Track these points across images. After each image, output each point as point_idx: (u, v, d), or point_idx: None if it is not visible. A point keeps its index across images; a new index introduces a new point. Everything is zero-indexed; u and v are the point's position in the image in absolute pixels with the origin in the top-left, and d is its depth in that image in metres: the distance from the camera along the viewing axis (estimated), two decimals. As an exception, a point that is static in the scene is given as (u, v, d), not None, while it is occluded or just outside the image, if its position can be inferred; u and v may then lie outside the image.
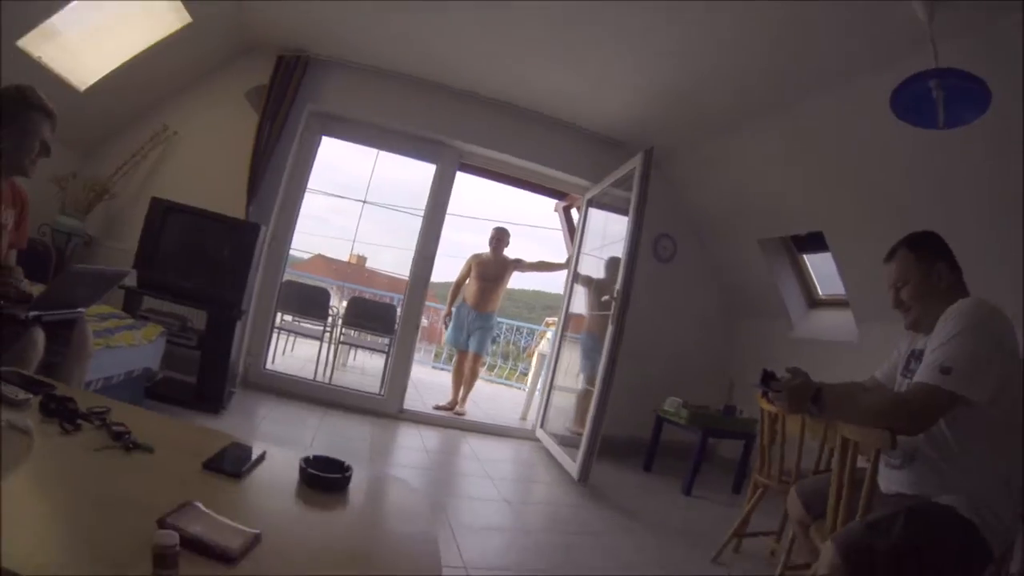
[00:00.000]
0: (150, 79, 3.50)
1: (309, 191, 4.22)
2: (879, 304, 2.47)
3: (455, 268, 5.09)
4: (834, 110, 2.94)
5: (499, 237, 4.78)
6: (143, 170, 3.74)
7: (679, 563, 2.47)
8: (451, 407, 4.62)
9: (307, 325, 5.46)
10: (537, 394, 4.83)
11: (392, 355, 4.38)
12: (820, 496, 1.69)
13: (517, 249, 6.56)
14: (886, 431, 1.39)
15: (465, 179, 4.64)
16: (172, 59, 3.45)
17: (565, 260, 4.87)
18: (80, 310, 1.93)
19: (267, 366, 4.24)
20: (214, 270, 3.20)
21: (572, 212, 5.46)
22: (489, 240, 4.80)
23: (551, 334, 5.11)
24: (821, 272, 4.12)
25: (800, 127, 3.21)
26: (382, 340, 5.05)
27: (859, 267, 3.30)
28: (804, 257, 4.18)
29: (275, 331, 4.68)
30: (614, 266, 3.64)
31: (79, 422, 1.15)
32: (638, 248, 3.32)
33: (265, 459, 1.23)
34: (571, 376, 4.33)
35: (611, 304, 3.34)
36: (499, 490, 3.03)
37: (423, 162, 4.33)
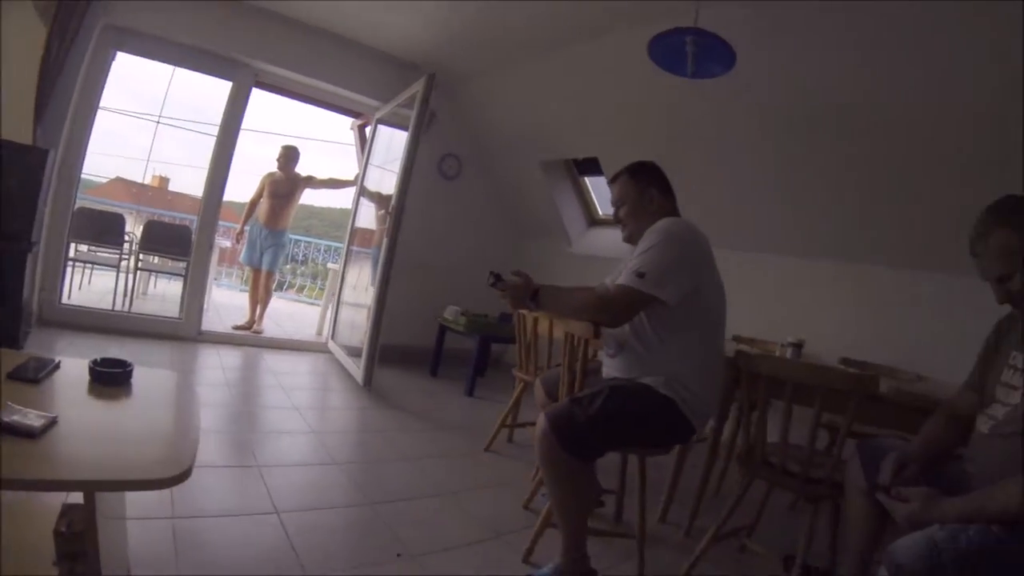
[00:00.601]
0: None
1: (104, 110, 3.86)
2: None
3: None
4: (609, 52, 3.31)
5: (287, 155, 4.76)
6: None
7: (456, 452, 2.77)
8: (248, 326, 4.73)
9: (103, 254, 5.06)
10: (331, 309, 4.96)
11: (188, 278, 4.34)
12: (557, 383, 1.97)
13: (316, 166, 6.51)
14: (591, 323, 1.69)
15: (267, 96, 4.54)
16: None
17: (354, 177, 4.92)
18: None
19: (63, 301, 4.00)
20: (-1, 201, 2.87)
21: (367, 130, 5.41)
22: (277, 159, 4.76)
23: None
24: (603, 193, 4.55)
25: (578, 64, 3.57)
26: (181, 264, 4.90)
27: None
28: (585, 180, 4.65)
29: (69, 263, 4.35)
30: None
31: None
32: (412, 166, 3.51)
33: (60, 367, 1.47)
34: (362, 290, 4.51)
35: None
36: (291, 398, 3.24)
37: (220, 79, 4.15)
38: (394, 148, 4.13)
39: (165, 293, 5.87)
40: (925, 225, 2.65)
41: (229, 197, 4.33)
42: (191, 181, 21.20)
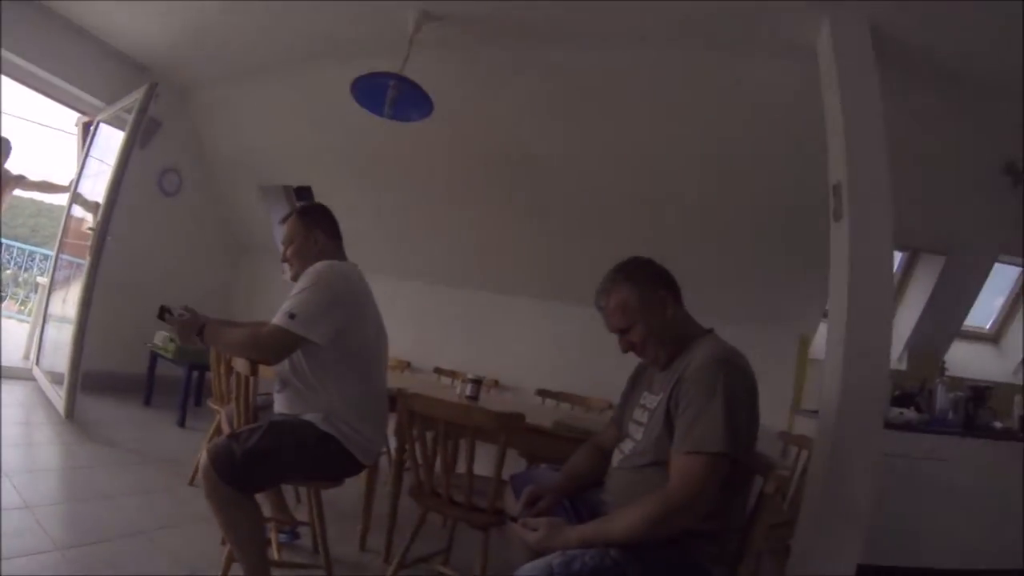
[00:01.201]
0: None
1: None
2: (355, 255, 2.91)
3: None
4: (325, 82, 3.32)
5: None
6: None
7: (158, 487, 2.60)
8: None
9: None
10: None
11: None
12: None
13: (34, 157, 5.66)
14: (248, 361, 1.69)
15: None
16: None
17: (69, 182, 4.33)
18: None
19: None
20: None
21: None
22: None
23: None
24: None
25: (299, 89, 3.60)
26: None
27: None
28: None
29: None
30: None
31: None
32: (122, 180, 3.30)
33: None
34: (72, 307, 3.89)
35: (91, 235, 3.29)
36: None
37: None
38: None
39: None
40: (607, 265, 3.13)
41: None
42: None
